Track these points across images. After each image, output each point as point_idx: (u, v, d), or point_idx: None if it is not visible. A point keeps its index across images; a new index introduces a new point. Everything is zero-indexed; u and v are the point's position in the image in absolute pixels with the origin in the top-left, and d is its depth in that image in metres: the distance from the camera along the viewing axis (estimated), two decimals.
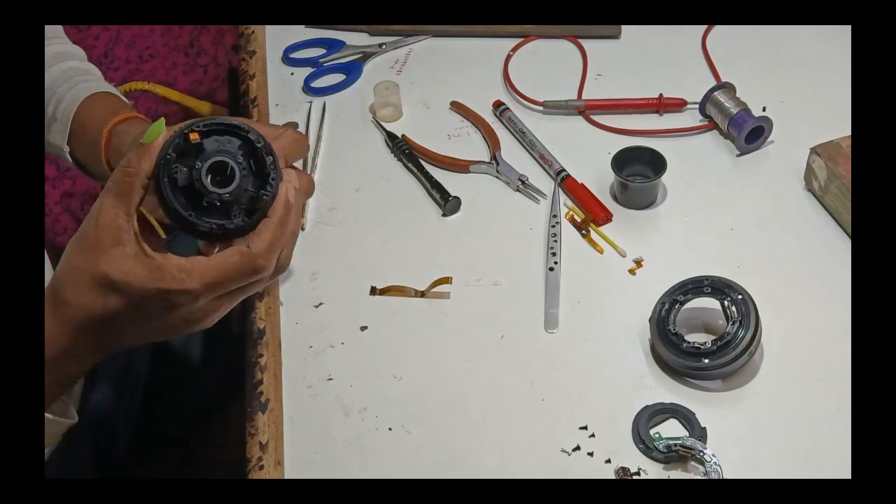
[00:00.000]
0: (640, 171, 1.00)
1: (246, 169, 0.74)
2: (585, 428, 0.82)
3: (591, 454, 0.80)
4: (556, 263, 0.94)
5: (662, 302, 0.86)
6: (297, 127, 1.11)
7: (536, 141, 1.05)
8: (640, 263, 0.94)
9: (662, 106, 1.08)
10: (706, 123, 1.07)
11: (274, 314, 0.92)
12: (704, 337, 0.85)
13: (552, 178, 1.02)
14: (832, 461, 0.78)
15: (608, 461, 0.79)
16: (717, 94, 1.05)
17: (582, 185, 1.00)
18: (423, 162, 1.05)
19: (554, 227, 0.97)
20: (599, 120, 1.09)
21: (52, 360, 0.73)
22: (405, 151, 1.06)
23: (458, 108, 1.12)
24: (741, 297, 0.84)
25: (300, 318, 0.92)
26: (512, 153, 1.05)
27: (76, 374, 0.77)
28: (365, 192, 1.04)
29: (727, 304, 0.84)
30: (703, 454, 0.77)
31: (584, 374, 0.86)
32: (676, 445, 0.78)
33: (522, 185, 1.01)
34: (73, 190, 1.54)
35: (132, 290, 0.70)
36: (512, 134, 1.08)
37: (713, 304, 0.85)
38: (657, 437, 0.80)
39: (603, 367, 0.86)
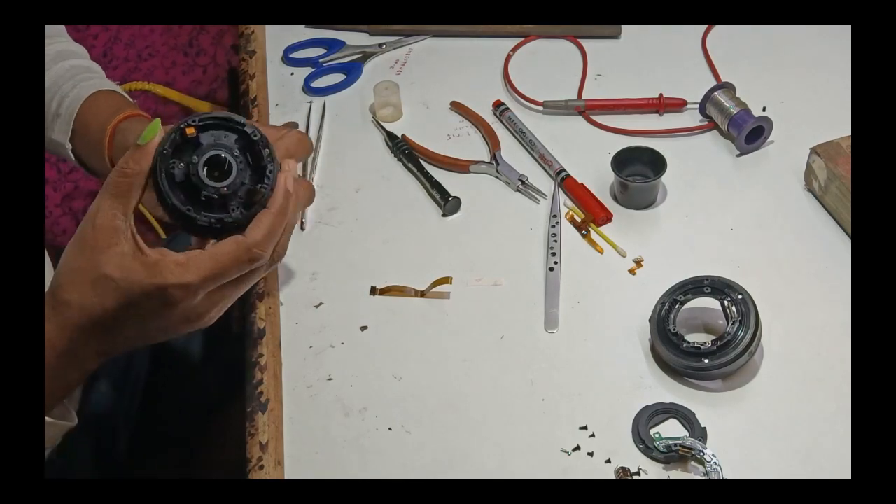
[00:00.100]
0: (640, 171, 1.00)
1: (243, 162, 0.74)
2: (585, 428, 0.82)
3: (591, 454, 0.80)
4: (556, 263, 0.94)
5: (662, 302, 0.86)
6: (297, 127, 1.11)
7: (536, 141, 1.05)
8: (640, 263, 0.94)
9: (662, 106, 1.08)
10: (706, 123, 1.07)
11: (274, 314, 0.92)
12: (704, 337, 0.85)
13: (552, 178, 1.02)
14: (832, 461, 0.78)
15: (608, 461, 0.79)
16: (717, 94, 1.05)
17: (582, 185, 1.00)
18: (423, 162, 1.05)
19: (554, 227, 0.97)
20: (599, 120, 1.09)
21: (52, 363, 0.73)
22: (405, 151, 1.06)
23: (458, 108, 1.12)
24: (741, 297, 0.84)
25: (300, 318, 0.92)
26: (512, 153, 1.05)
27: (77, 378, 0.76)
28: (365, 192, 1.04)
29: (727, 304, 0.84)
30: (703, 454, 0.77)
31: (584, 374, 0.86)
32: (676, 445, 0.78)
33: (522, 185, 1.01)
34: (74, 193, 1.54)
35: (131, 287, 0.70)
36: (512, 134, 1.08)
37: (713, 304, 0.85)
38: (657, 437, 0.80)
39: (603, 367, 0.86)
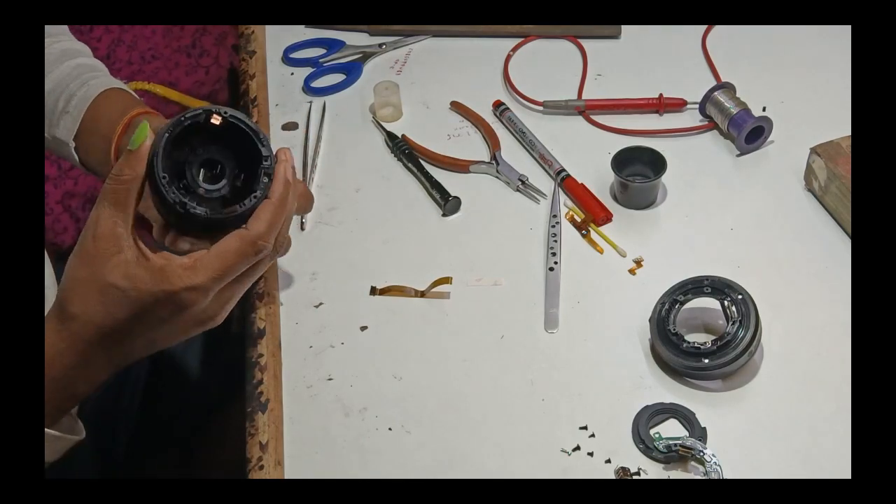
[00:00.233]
0: (640, 171, 1.00)
1: (238, 165, 0.73)
2: (585, 428, 0.82)
3: (591, 454, 0.80)
4: (556, 263, 0.94)
5: (662, 302, 0.86)
6: (296, 127, 1.10)
7: (536, 141, 1.05)
8: (640, 263, 0.94)
9: (662, 106, 1.08)
10: (706, 123, 1.07)
11: (274, 314, 0.92)
12: (704, 337, 0.85)
13: (552, 178, 1.02)
14: (832, 461, 0.78)
15: (608, 461, 0.79)
16: (717, 94, 1.05)
17: (582, 185, 1.00)
18: (423, 162, 1.05)
19: (554, 227, 0.97)
20: (599, 120, 1.09)
21: (60, 377, 0.72)
22: (405, 151, 1.06)
23: (458, 108, 1.12)
24: (741, 297, 0.84)
25: (300, 318, 0.92)
26: (512, 153, 1.05)
27: (85, 391, 0.75)
28: (365, 192, 1.04)
29: (727, 304, 0.84)
30: (703, 454, 0.77)
31: (584, 374, 0.86)
32: (676, 445, 0.78)
33: (522, 185, 1.01)
34: (74, 190, 1.54)
35: (139, 295, 0.69)
36: (512, 134, 1.08)
37: (713, 304, 0.85)
38: (657, 437, 0.80)
39: (603, 367, 0.86)
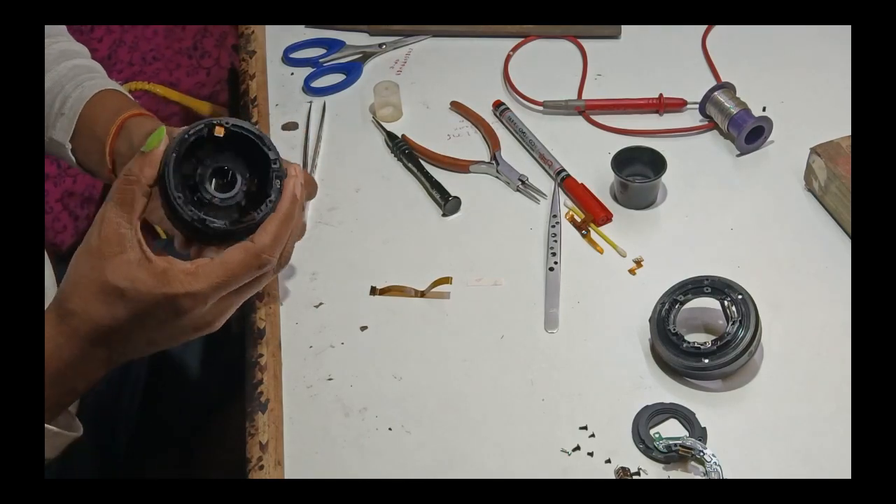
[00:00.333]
0: (640, 171, 1.00)
1: (249, 170, 0.73)
2: (585, 428, 0.82)
3: (591, 454, 0.80)
4: (556, 263, 0.94)
5: (662, 302, 0.86)
6: (296, 127, 1.10)
7: (536, 141, 1.05)
8: (640, 263, 0.94)
9: (662, 106, 1.08)
10: (706, 123, 1.07)
11: (274, 314, 0.92)
12: (704, 337, 0.85)
13: (552, 178, 1.02)
14: (832, 461, 0.78)
15: (608, 461, 0.79)
16: (717, 94, 1.05)
17: (582, 185, 1.00)
18: (423, 162, 1.05)
19: (554, 227, 0.97)
20: (599, 120, 1.09)
21: (57, 372, 0.72)
22: (405, 151, 1.06)
23: (458, 108, 1.12)
24: (741, 297, 0.84)
25: (300, 318, 0.92)
26: (512, 153, 1.05)
27: (82, 387, 0.75)
28: (365, 192, 1.04)
29: (727, 304, 0.84)
30: (703, 454, 0.77)
31: (584, 374, 0.86)
32: (676, 445, 0.78)
33: (522, 185, 1.01)
34: (73, 189, 1.54)
35: (139, 296, 0.69)
36: (512, 134, 1.08)
37: (713, 304, 0.85)
38: (657, 437, 0.80)
39: (603, 367, 0.86)
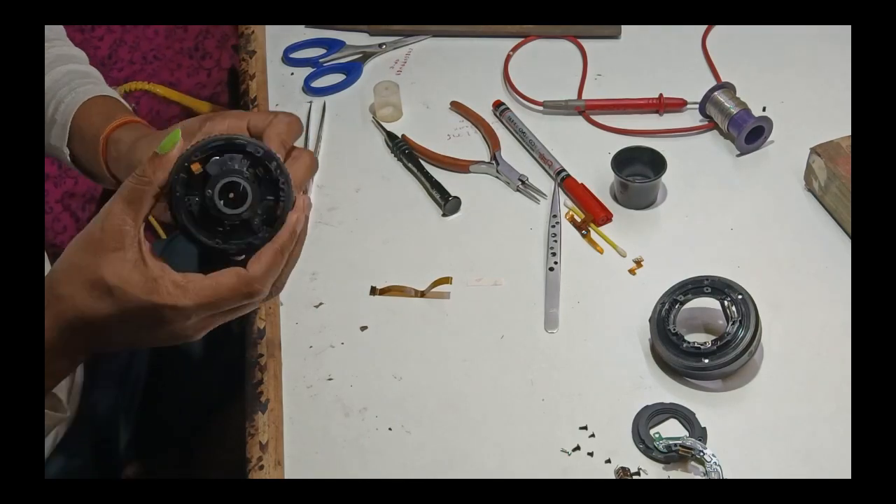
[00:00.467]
0: (640, 171, 1.00)
1: (255, 180, 0.73)
2: (585, 428, 0.82)
3: (591, 454, 0.80)
4: (556, 263, 0.94)
5: (662, 302, 0.86)
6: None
7: (536, 141, 1.05)
8: (640, 263, 0.94)
9: (662, 106, 1.08)
10: (706, 123, 1.07)
11: (274, 314, 0.92)
12: (704, 337, 0.85)
13: (552, 178, 1.02)
14: (832, 461, 0.78)
15: (608, 461, 0.79)
16: (717, 94, 1.05)
17: (582, 185, 1.00)
18: (423, 162, 1.05)
19: (554, 227, 0.97)
20: (599, 120, 1.09)
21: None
22: (405, 151, 1.06)
23: (458, 108, 1.12)
24: (741, 297, 0.84)
25: (300, 318, 0.92)
26: (512, 153, 1.05)
27: (62, 369, 0.76)
28: (365, 192, 1.04)
29: (727, 304, 0.84)
30: (703, 454, 0.77)
31: (584, 374, 0.86)
32: (676, 445, 0.78)
33: (522, 185, 1.01)
34: (74, 189, 1.54)
35: (126, 297, 0.69)
36: (512, 134, 1.08)
37: (713, 304, 0.85)
38: (657, 437, 0.80)
39: (603, 367, 0.86)
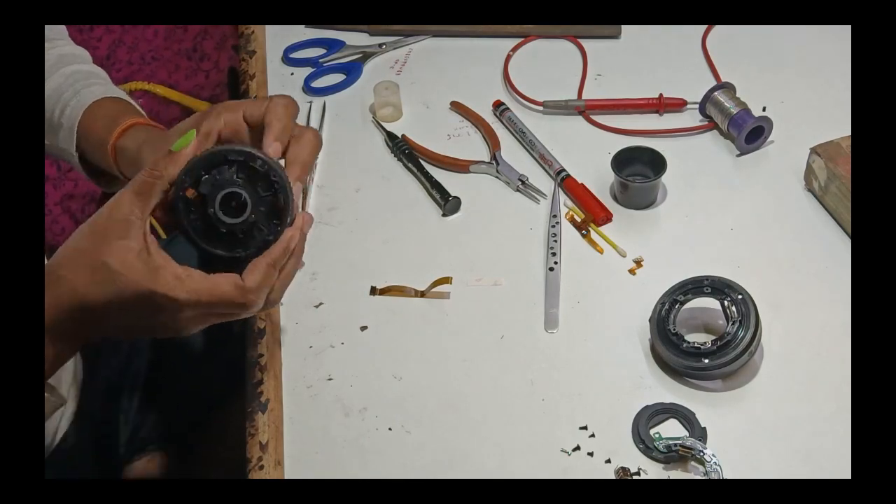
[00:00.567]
0: (640, 171, 1.00)
1: (248, 183, 0.74)
2: (585, 428, 0.82)
3: (591, 454, 0.80)
4: (556, 263, 0.94)
5: (662, 302, 0.86)
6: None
7: (536, 141, 1.05)
8: (640, 263, 0.94)
9: (662, 106, 1.08)
10: (706, 123, 1.07)
11: (274, 314, 0.92)
12: (704, 337, 0.85)
13: (552, 178, 1.02)
14: (832, 461, 0.78)
15: (608, 461, 0.79)
16: (717, 94, 1.05)
17: (582, 185, 1.00)
18: (423, 162, 1.05)
19: (554, 227, 0.97)
20: (599, 120, 1.09)
21: None
22: (405, 151, 1.06)
23: (458, 108, 1.12)
24: (741, 297, 0.84)
25: (300, 318, 0.92)
26: (512, 153, 1.05)
27: (60, 354, 0.76)
28: (365, 192, 1.04)
29: (727, 304, 0.84)
30: (703, 454, 0.77)
31: (584, 374, 0.86)
32: (676, 445, 0.78)
33: (522, 185, 1.01)
34: (73, 191, 1.54)
35: (125, 284, 0.70)
36: (512, 134, 1.08)
37: (713, 304, 0.85)
38: (657, 437, 0.80)
39: (603, 367, 0.86)
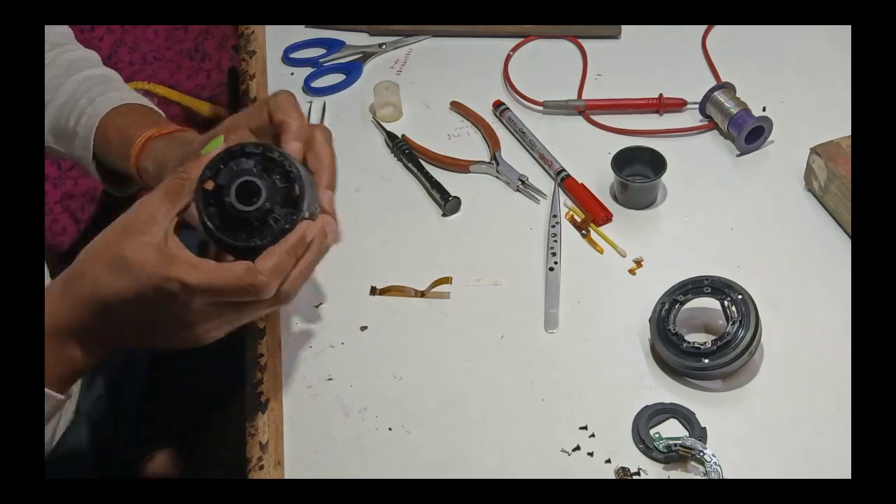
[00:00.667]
0: (640, 171, 1.00)
1: (265, 175, 0.75)
2: (585, 428, 0.82)
3: (591, 454, 0.80)
4: (556, 263, 0.94)
5: (662, 302, 0.86)
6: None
7: (536, 141, 1.05)
8: (640, 263, 0.94)
9: (662, 106, 1.08)
10: (706, 123, 1.07)
11: (274, 314, 0.91)
12: (704, 337, 0.85)
13: (552, 178, 1.02)
14: (832, 461, 0.78)
15: (608, 461, 0.79)
16: (717, 94, 1.05)
17: (582, 185, 1.00)
18: (423, 162, 1.05)
19: (554, 227, 0.97)
20: (599, 120, 1.09)
21: (54, 332, 0.73)
22: (405, 151, 1.06)
23: (458, 108, 1.12)
24: (741, 297, 0.84)
25: (300, 318, 0.92)
26: (512, 153, 1.05)
27: (77, 357, 0.75)
28: (365, 192, 1.04)
29: (727, 304, 0.84)
30: (703, 454, 0.77)
31: (584, 374, 0.86)
32: (676, 445, 0.78)
33: (522, 185, 1.01)
34: (73, 190, 1.54)
35: (141, 273, 0.71)
36: (512, 134, 1.08)
37: (713, 304, 0.85)
38: (657, 437, 0.80)
39: (603, 367, 0.86)
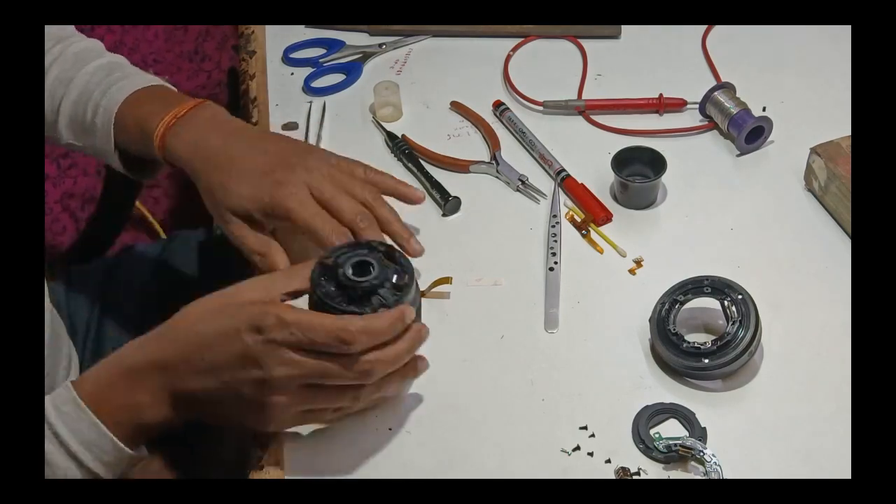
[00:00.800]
0: (640, 171, 1.00)
1: (381, 262, 0.77)
2: (585, 428, 0.82)
3: (591, 454, 0.80)
4: (556, 263, 0.94)
5: (662, 302, 0.86)
6: (297, 127, 1.10)
7: (536, 141, 1.05)
8: (640, 263, 0.94)
9: (662, 106, 1.08)
10: (706, 123, 1.07)
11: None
12: (704, 337, 0.85)
13: (552, 178, 1.02)
14: (832, 461, 0.78)
15: (608, 461, 0.79)
16: (717, 94, 1.05)
17: (582, 185, 1.00)
18: (423, 162, 1.05)
19: (554, 227, 0.97)
20: (599, 120, 1.09)
21: (127, 367, 0.77)
22: (405, 151, 1.06)
23: (458, 108, 1.12)
24: (741, 297, 0.84)
25: None
26: (512, 153, 1.05)
27: (143, 405, 0.77)
28: None
29: (727, 304, 0.84)
30: (703, 454, 0.77)
31: (584, 374, 0.86)
32: (676, 445, 0.78)
33: (522, 185, 1.01)
34: (73, 190, 1.54)
35: (242, 306, 0.74)
36: (512, 134, 1.08)
37: (713, 304, 0.85)
38: (657, 437, 0.80)
39: (603, 367, 0.86)
